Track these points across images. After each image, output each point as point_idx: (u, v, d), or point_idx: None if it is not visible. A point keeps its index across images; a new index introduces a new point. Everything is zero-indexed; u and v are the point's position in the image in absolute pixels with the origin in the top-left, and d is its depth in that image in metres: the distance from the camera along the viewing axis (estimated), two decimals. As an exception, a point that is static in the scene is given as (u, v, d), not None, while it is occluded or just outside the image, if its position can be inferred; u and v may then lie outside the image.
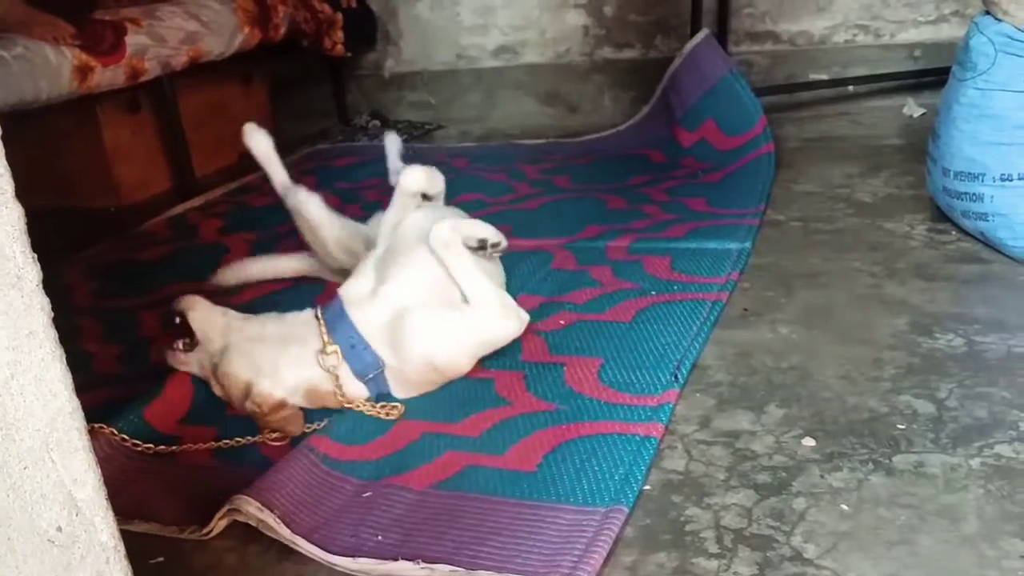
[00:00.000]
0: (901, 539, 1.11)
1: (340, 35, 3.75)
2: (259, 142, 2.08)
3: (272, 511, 1.21)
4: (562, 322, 1.79)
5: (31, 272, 0.60)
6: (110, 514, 0.67)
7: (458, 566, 1.12)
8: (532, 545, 1.14)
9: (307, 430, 1.46)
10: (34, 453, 0.61)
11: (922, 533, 1.12)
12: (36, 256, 0.62)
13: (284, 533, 1.19)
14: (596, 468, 1.29)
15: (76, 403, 0.64)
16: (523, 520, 1.19)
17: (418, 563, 1.13)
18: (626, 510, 1.19)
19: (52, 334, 0.62)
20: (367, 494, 1.30)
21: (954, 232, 2.08)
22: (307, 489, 1.30)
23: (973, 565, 1.05)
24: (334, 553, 1.17)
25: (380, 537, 1.19)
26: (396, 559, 1.14)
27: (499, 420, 1.46)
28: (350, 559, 1.15)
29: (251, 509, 1.21)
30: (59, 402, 0.63)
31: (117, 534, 0.68)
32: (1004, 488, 1.18)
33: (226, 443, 1.44)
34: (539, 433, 1.40)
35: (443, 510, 1.24)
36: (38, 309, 0.61)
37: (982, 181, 1.92)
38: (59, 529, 0.63)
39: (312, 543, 1.18)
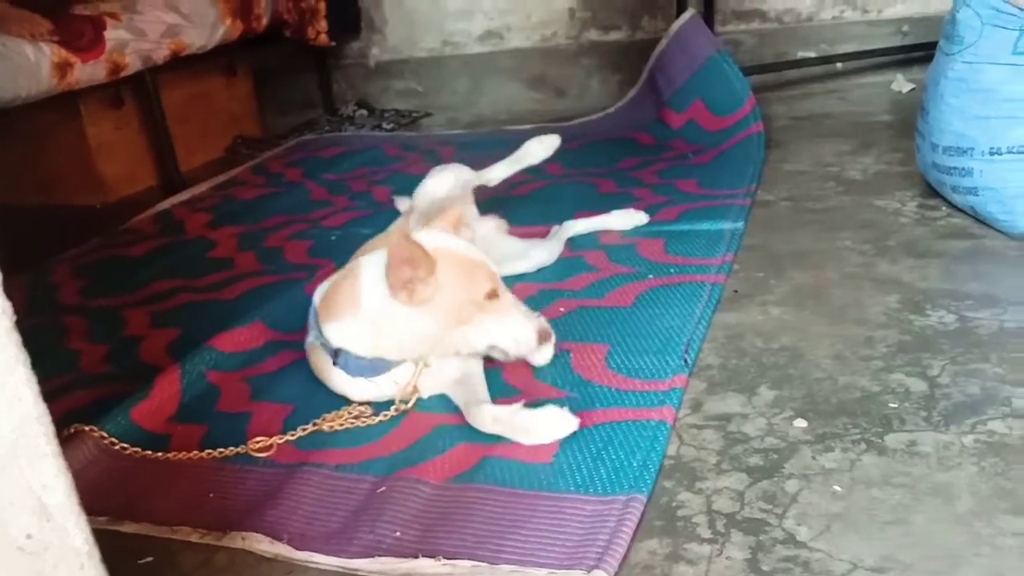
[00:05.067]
0: (894, 519, 1.10)
1: (324, 24, 3.72)
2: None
3: (281, 539, 1.19)
4: (562, 309, 1.77)
5: (-10, 275, 0.59)
6: (83, 519, 0.66)
7: (480, 561, 1.10)
8: (555, 537, 1.12)
9: (292, 437, 1.43)
10: (0, 460, 0.60)
11: (916, 512, 1.11)
12: (-5, 258, 0.60)
13: (298, 556, 1.17)
14: (613, 456, 1.27)
15: (43, 408, 0.62)
16: (544, 512, 1.18)
17: (439, 559, 1.11)
18: (644, 498, 1.18)
19: (15, 338, 0.60)
20: (382, 489, 1.27)
21: (944, 208, 2.07)
22: (319, 502, 1.27)
23: (967, 543, 1.05)
24: (352, 556, 1.14)
25: (399, 533, 1.17)
26: (416, 556, 1.12)
27: None
28: (369, 559, 1.13)
29: (262, 546, 1.19)
30: (25, 407, 0.61)
31: (91, 539, 0.67)
32: (997, 465, 1.17)
33: (209, 453, 1.41)
34: None
35: (461, 504, 1.22)
36: (-1, 313, 0.59)
37: (971, 155, 1.90)
38: (29, 536, 0.62)
39: (328, 553, 1.16)
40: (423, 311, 1.40)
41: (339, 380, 1.50)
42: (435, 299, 1.39)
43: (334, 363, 1.48)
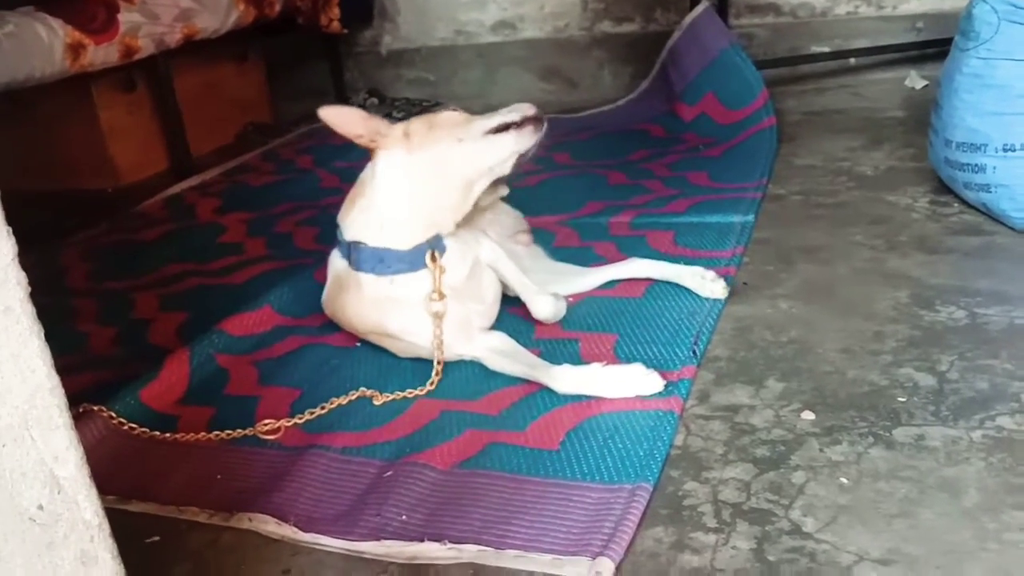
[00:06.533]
0: (901, 512, 1.10)
1: (336, 11, 3.71)
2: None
3: (288, 521, 1.19)
4: (571, 299, 1.77)
5: (5, 246, 0.59)
6: (94, 491, 0.66)
7: (486, 546, 1.10)
8: (560, 524, 1.12)
9: (300, 420, 1.44)
10: (13, 431, 0.60)
11: (922, 506, 1.10)
12: (11, 230, 0.60)
13: (305, 538, 1.17)
14: (619, 445, 1.27)
15: (56, 380, 0.63)
16: (549, 499, 1.18)
17: (445, 543, 1.11)
18: (650, 487, 1.18)
19: (29, 309, 0.61)
20: (388, 473, 1.28)
21: (956, 204, 2.06)
22: (326, 484, 1.28)
23: (974, 538, 1.04)
24: (358, 539, 1.14)
25: (404, 517, 1.17)
26: (422, 540, 1.12)
27: (518, 398, 1.44)
28: (375, 542, 1.13)
29: (269, 527, 1.19)
30: (38, 378, 0.61)
31: (101, 512, 0.67)
32: (1005, 460, 1.17)
33: (217, 435, 1.42)
34: (558, 410, 1.39)
35: (467, 488, 1.22)
36: (14, 283, 0.59)
37: (984, 152, 1.89)
38: (40, 507, 0.62)
39: (334, 535, 1.16)
40: (416, 165, 1.55)
41: (365, 300, 1.56)
42: (414, 140, 1.56)
43: (349, 263, 1.57)
